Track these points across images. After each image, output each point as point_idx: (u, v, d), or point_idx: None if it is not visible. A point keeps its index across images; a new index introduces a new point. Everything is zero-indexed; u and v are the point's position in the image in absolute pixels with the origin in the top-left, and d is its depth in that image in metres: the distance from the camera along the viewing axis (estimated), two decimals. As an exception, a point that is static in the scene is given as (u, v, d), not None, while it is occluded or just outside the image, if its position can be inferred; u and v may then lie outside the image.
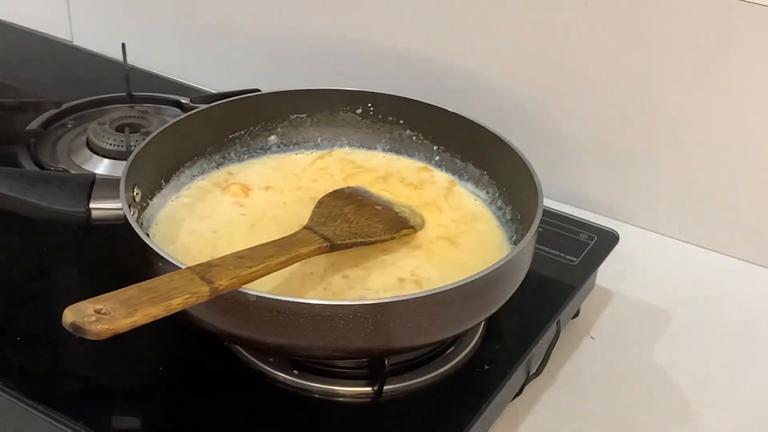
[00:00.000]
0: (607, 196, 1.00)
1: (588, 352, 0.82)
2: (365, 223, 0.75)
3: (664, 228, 0.98)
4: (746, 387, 0.80)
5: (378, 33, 1.06)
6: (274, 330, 0.62)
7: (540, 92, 0.99)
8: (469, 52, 1.01)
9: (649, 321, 0.87)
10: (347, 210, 0.76)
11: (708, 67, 0.89)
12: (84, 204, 0.71)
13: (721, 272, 0.94)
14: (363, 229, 0.74)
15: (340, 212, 0.75)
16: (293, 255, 0.66)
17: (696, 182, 0.95)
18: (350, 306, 0.61)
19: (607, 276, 0.87)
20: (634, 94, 0.94)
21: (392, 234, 0.75)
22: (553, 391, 0.78)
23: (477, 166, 0.84)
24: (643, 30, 0.91)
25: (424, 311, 0.63)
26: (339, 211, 0.75)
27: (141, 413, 0.69)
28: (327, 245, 0.69)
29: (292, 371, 0.70)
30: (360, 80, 1.04)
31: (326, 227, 0.72)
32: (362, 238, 0.73)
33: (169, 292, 0.57)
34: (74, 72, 1.19)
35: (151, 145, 0.77)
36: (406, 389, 0.70)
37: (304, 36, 1.12)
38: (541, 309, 0.78)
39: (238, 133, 0.86)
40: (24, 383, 0.69)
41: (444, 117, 0.84)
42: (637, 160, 0.97)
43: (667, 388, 0.80)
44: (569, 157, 1.00)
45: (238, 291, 0.60)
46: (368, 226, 0.74)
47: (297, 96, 0.88)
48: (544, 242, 0.84)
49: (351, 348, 0.64)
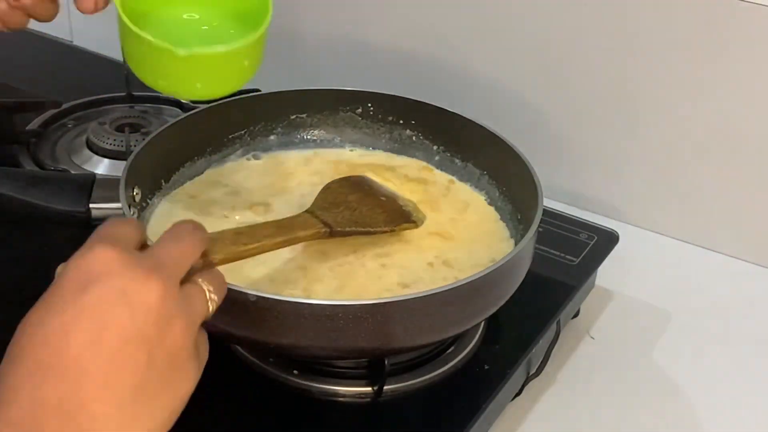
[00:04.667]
0: (607, 196, 1.00)
1: (588, 352, 0.82)
2: (368, 212, 0.75)
3: (664, 228, 0.98)
4: (746, 387, 0.80)
5: (378, 33, 1.06)
6: (274, 330, 0.62)
7: (540, 92, 0.99)
8: (469, 52, 1.01)
9: (649, 321, 0.87)
10: (352, 198, 0.76)
11: (708, 68, 0.89)
12: (84, 204, 0.71)
13: (721, 272, 0.93)
14: (365, 218, 0.74)
15: (344, 199, 0.75)
16: (291, 237, 0.66)
17: (696, 182, 0.95)
18: (350, 306, 0.61)
19: (607, 276, 0.87)
20: (634, 94, 0.94)
21: (392, 226, 0.75)
22: (553, 391, 0.78)
23: (477, 166, 0.84)
24: (643, 30, 0.91)
25: (424, 311, 0.63)
26: (344, 198, 0.76)
27: (141, 413, 0.69)
28: (326, 231, 0.70)
29: (292, 371, 0.70)
30: (360, 80, 1.04)
31: (328, 213, 0.72)
32: (362, 227, 0.73)
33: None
34: (74, 72, 1.19)
35: (151, 145, 0.77)
36: (406, 389, 0.70)
37: (303, 36, 1.12)
38: (541, 309, 0.78)
39: (238, 133, 0.86)
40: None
41: (444, 117, 0.84)
42: (637, 160, 0.97)
43: (667, 388, 0.80)
44: (569, 157, 1.00)
45: (238, 291, 0.60)
46: (370, 216, 0.75)
47: (297, 96, 0.88)
48: (544, 242, 0.84)
49: (351, 348, 0.64)
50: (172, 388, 0.47)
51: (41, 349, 0.45)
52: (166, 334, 0.46)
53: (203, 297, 0.50)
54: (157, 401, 0.46)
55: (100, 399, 0.44)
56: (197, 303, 0.50)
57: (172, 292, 0.47)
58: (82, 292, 0.45)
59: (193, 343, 0.48)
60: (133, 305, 0.45)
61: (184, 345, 0.47)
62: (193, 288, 0.50)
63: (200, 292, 0.50)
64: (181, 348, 0.47)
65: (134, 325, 0.45)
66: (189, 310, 0.48)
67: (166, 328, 0.46)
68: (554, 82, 0.98)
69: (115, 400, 0.44)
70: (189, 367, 0.48)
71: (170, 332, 0.46)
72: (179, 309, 0.47)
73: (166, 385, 0.47)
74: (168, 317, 0.46)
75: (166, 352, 0.46)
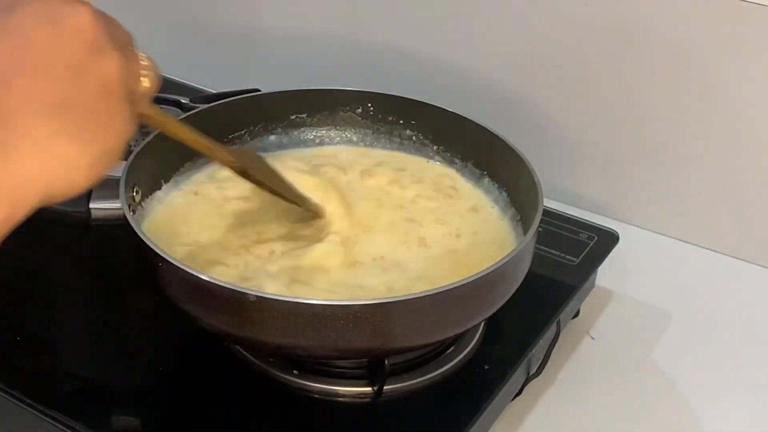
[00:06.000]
0: (607, 196, 1.00)
1: (588, 352, 0.82)
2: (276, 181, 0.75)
3: (664, 228, 0.98)
4: (746, 387, 0.80)
5: (378, 33, 1.06)
6: (274, 330, 0.62)
7: (540, 92, 0.99)
8: (469, 52, 1.01)
9: (649, 321, 0.87)
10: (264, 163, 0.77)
11: (708, 67, 0.89)
12: (84, 204, 0.71)
13: (721, 272, 0.94)
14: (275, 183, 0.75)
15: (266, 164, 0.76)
16: (212, 146, 0.68)
17: (696, 182, 0.95)
18: (350, 306, 0.61)
19: (607, 276, 0.87)
20: (634, 93, 0.94)
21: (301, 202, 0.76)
22: (553, 391, 0.78)
23: (477, 166, 0.84)
24: (642, 30, 0.91)
25: (424, 311, 0.63)
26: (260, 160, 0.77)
27: (141, 413, 0.69)
28: (240, 166, 0.71)
29: (292, 371, 0.70)
30: (360, 80, 1.04)
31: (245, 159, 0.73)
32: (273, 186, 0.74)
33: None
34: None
35: (151, 145, 0.76)
36: (406, 389, 0.70)
37: (303, 36, 1.12)
38: (541, 309, 0.78)
39: (238, 133, 0.86)
40: (24, 383, 0.69)
41: (444, 117, 0.84)
42: (637, 160, 0.97)
43: (667, 388, 0.80)
44: (569, 157, 1.00)
45: (239, 291, 0.60)
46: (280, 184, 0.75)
47: (297, 96, 0.88)
48: (544, 242, 0.84)
49: (351, 348, 0.64)
50: (102, 122, 0.47)
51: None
52: (96, 62, 0.46)
53: (138, 63, 0.50)
54: (84, 126, 0.46)
55: (22, 112, 0.44)
56: (133, 62, 0.49)
57: (103, 27, 0.47)
58: (10, 12, 0.45)
59: (126, 90, 0.48)
60: (59, 25, 0.45)
61: (117, 82, 0.47)
62: (130, 52, 0.50)
63: (136, 57, 0.50)
64: (112, 83, 0.47)
65: (59, 42, 0.45)
66: (124, 57, 0.48)
67: (97, 57, 0.46)
68: (555, 82, 0.98)
69: (37, 113, 0.44)
70: (121, 111, 0.48)
71: (102, 62, 0.46)
72: (112, 47, 0.47)
73: (96, 115, 0.46)
74: (98, 47, 0.46)
75: (96, 79, 0.46)
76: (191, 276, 0.62)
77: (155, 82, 0.52)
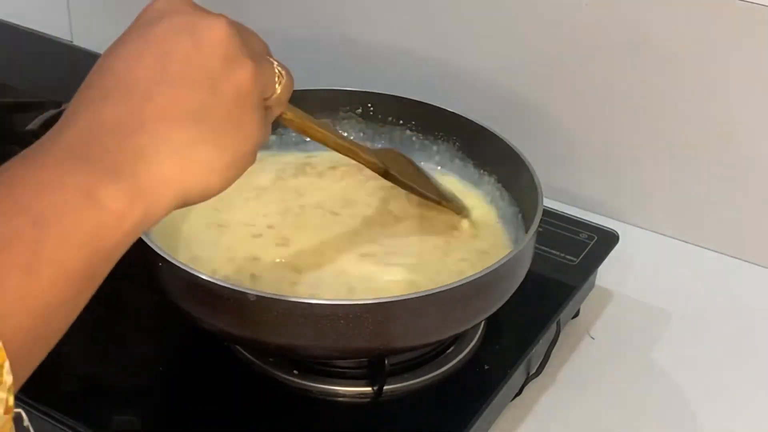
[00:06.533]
0: (607, 196, 1.00)
1: (588, 352, 0.82)
2: (420, 180, 0.78)
3: (664, 228, 0.98)
4: (746, 387, 0.80)
5: (378, 33, 1.06)
6: (274, 330, 0.62)
7: (540, 92, 0.99)
8: (470, 52, 1.01)
9: (649, 321, 0.87)
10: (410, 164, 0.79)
11: (708, 67, 0.89)
12: (84, 204, 0.71)
13: (721, 272, 0.93)
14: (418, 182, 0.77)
15: (404, 161, 0.78)
16: (353, 148, 0.70)
17: (696, 182, 0.95)
18: (350, 306, 0.61)
19: (607, 276, 0.87)
20: (634, 93, 0.94)
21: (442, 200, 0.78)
22: (553, 391, 0.78)
23: (477, 166, 0.84)
24: (642, 30, 0.91)
25: (424, 311, 0.63)
26: (403, 160, 0.78)
27: (141, 413, 0.69)
28: (383, 167, 0.73)
29: (292, 371, 0.70)
30: (360, 80, 1.04)
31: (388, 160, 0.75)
32: (414, 185, 0.76)
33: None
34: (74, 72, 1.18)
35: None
36: (406, 389, 0.70)
37: (303, 36, 1.11)
38: (541, 309, 0.78)
39: (238, 133, 0.86)
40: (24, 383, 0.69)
41: (444, 117, 0.84)
42: (637, 159, 0.97)
43: (667, 388, 0.80)
44: (569, 158, 1.00)
45: (239, 291, 0.60)
46: (424, 183, 0.78)
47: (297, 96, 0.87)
48: (544, 242, 0.84)
49: (351, 348, 0.64)
50: (237, 127, 0.48)
51: (107, 76, 0.46)
52: (232, 72, 0.48)
53: (272, 70, 0.52)
54: (220, 132, 0.47)
55: (162, 118, 0.45)
56: (267, 70, 0.51)
57: (239, 38, 0.49)
58: (151, 26, 0.47)
59: (259, 97, 0.50)
60: (198, 37, 0.47)
61: (252, 90, 0.49)
62: (265, 60, 0.52)
63: (270, 65, 0.52)
64: (248, 91, 0.48)
65: (198, 54, 0.47)
66: (258, 64, 0.50)
67: (233, 66, 0.48)
68: (555, 81, 0.98)
69: (176, 120, 0.46)
70: (255, 117, 0.49)
71: (237, 72, 0.48)
72: (248, 56, 0.49)
73: (231, 121, 0.48)
74: (235, 57, 0.48)
75: (233, 87, 0.48)
76: (191, 276, 0.62)
77: (288, 88, 0.54)
